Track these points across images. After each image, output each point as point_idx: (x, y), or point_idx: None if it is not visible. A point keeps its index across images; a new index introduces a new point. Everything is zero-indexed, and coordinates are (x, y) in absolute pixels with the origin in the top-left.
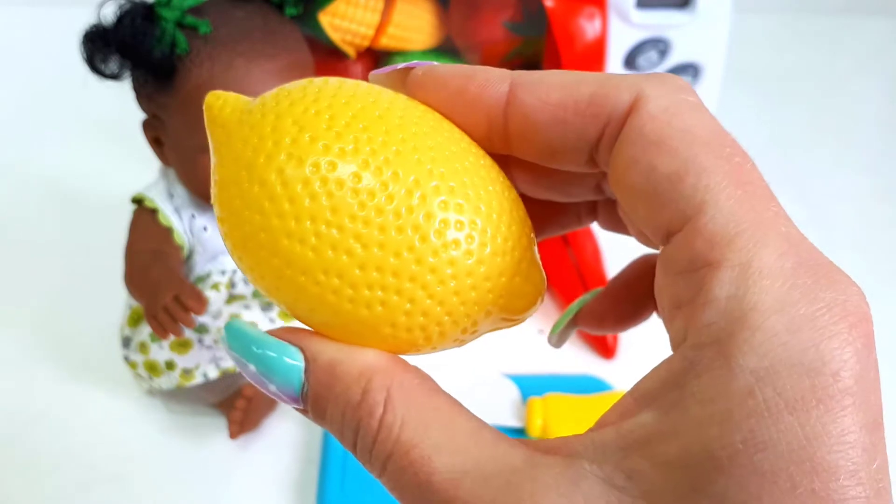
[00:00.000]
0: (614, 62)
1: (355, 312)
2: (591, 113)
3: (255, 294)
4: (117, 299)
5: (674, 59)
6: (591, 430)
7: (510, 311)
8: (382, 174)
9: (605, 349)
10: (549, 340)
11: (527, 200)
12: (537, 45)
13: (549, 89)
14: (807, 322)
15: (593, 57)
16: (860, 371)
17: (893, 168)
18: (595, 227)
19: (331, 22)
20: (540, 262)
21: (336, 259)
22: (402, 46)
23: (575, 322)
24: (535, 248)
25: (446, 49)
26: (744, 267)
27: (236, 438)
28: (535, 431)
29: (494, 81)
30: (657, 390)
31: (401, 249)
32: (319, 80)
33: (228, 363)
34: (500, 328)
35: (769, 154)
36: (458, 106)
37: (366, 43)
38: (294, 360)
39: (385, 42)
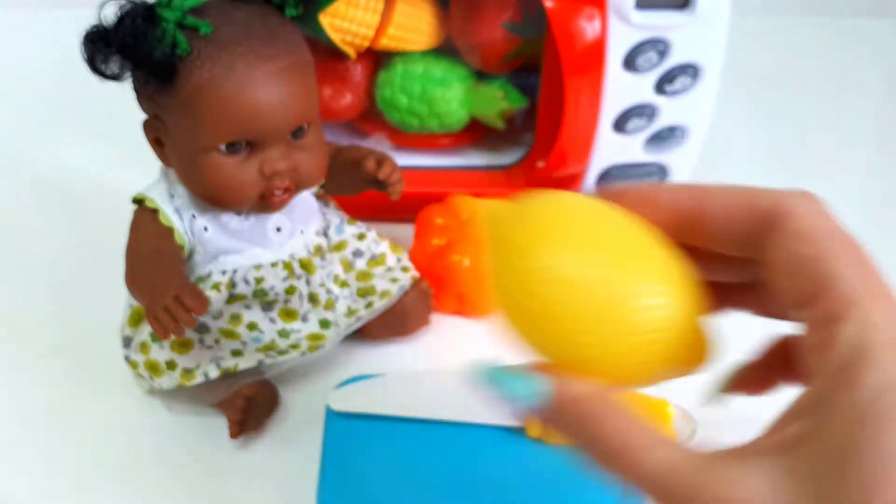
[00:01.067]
0: (614, 62)
1: (584, 356)
2: (754, 217)
3: (255, 294)
4: (118, 299)
5: (673, 59)
6: (751, 442)
7: (690, 365)
8: (606, 270)
9: None
10: (709, 399)
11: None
12: (537, 45)
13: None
14: None
15: (593, 57)
16: None
17: (893, 168)
18: None
19: (331, 23)
20: (709, 330)
21: (574, 328)
22: (402, 47)
23: (733, 388)
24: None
25: (446, 50)
26: (864, 319)
27: (237, 438)
28: (534, 432)
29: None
30: (801, 410)
31: (617, 323)
32: (555, 197)
33: (229, 363)
34: (679, 377)
35: (767, 154)
36: (671, 219)
37: (366, 43)
38: (538, 386)
39: (385, 43)
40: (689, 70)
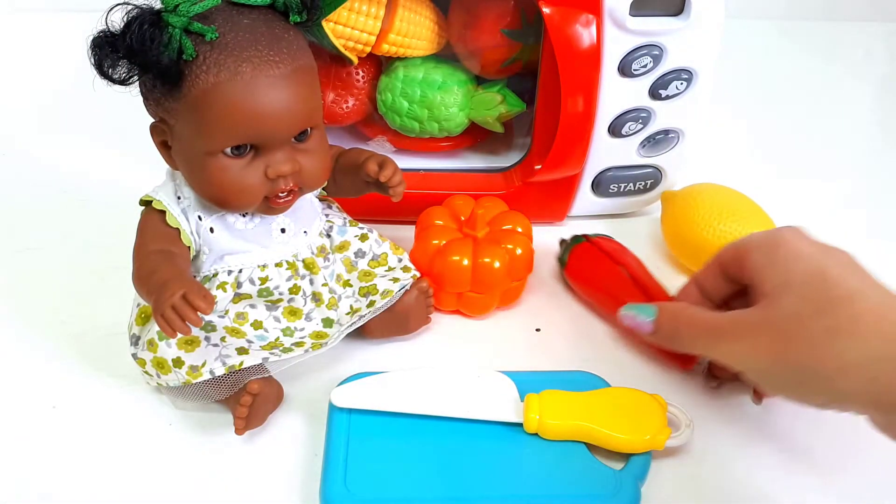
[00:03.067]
0: (609, 67)
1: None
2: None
3: (260, 293)
4: (126, 298)
5: (668, 64)
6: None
7: None
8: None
9: (684, 361)
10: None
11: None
12: (535, 51)
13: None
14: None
15: (589, 62)
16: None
17: (882, 170)
18: (634, 246)
19: (333, 28)
20: None
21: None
22: (403, 53)
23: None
24: None
25: (446, 55)
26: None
27: (242, 434)
28: (531, 427)
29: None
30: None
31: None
32: (705, 185)
33: (234, 360)
34: None
35: (760, 157)
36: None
37: (368, 49)
38: (653, 309)
39: (386, 48)
40: (684, 74)
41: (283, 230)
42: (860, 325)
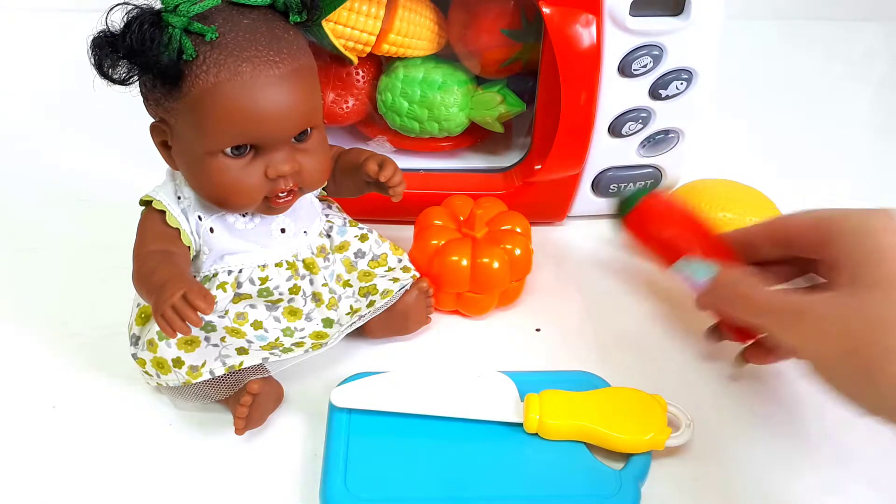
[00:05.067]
0: (609, 68)
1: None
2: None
3: (260, 293)
4: (126, 298)
5: (668, 64)
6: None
7: None
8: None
9: (742, 334)
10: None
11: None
12: (535, 51)
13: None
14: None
15: (589, 62)
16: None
17: (882, 171)
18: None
19: (333, 28)
20: None
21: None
22: (403, 53)
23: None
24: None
25: (446, 55)
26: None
27: (242, 434)
28: (531, 427)
29: None
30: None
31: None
32: (694, 183)
33: (234, 361)
34: None
35: (761, 156)
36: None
37: (368, 49)
38: (712, 269)
39: (386, 48)
40: (684, 74)
41: (283, 230)
42: None
